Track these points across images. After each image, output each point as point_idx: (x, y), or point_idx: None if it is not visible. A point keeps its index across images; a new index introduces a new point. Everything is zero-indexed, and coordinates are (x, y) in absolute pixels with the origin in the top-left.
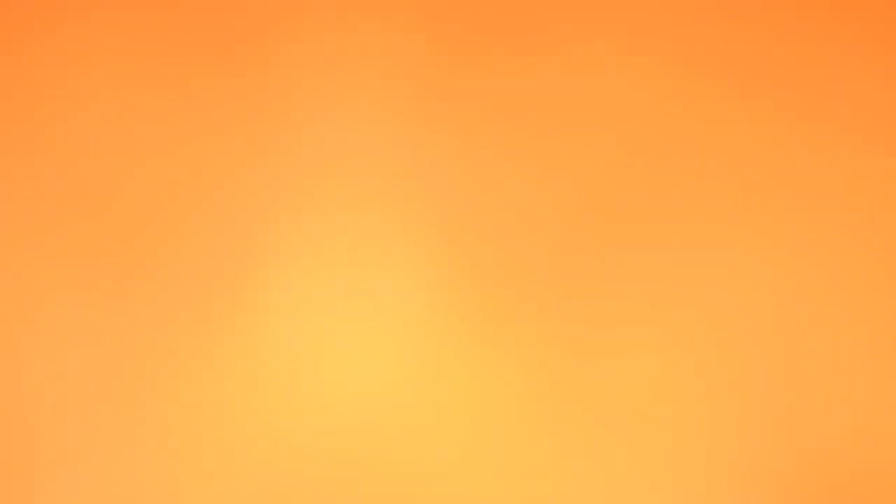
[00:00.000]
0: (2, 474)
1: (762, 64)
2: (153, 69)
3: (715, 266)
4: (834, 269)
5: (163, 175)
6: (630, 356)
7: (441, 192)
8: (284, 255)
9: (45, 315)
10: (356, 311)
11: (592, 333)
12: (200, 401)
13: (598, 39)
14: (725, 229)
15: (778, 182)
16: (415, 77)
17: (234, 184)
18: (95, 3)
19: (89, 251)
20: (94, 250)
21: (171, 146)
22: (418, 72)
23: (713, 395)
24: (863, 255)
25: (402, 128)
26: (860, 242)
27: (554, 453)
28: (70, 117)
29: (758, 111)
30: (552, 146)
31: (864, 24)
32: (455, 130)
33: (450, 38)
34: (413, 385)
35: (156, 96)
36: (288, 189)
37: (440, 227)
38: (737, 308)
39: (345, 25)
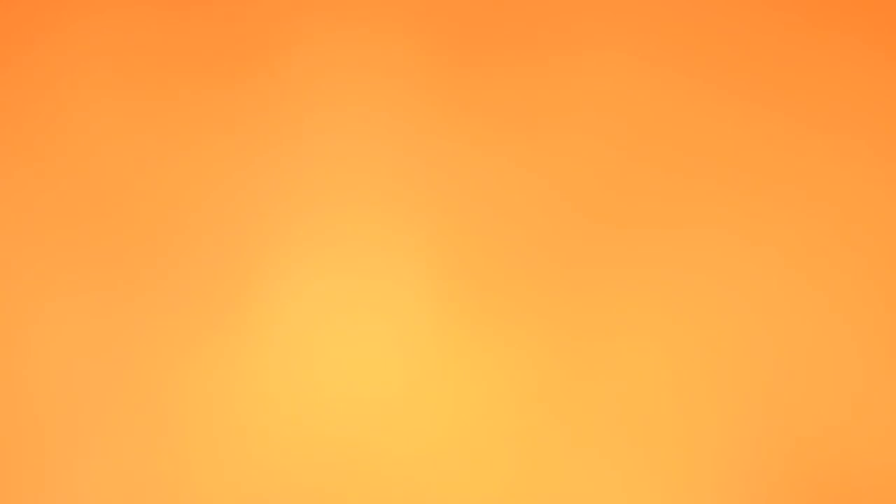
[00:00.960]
0: (14, 471)
1: (754, 68)
2: (161, 74)
3: (706, 268)
4: (821, 271)
5: (170, 179)
6: (621, 357)
7: (440, 195)
8: (289, 257)
9: (55, 316)
10: (359, 313)
11: (585, 334)
12: (205, 398)
13: (594, 45)
14: (717, 232)
15: (768, 185)
16: (415, 84)
17: (240, 187)
18: (101, 8)
19: (99, 254)
20: (103, 253)
21: (177, 151)
22: (418, 79)
23: (702, 394)
24: (849, 257)
25: (402, 133)
26: (848, 244)
27: (548, 451)
28: (79, 121)
29: (750, 115)
30: (549, 150)
31: (857, 28)
32: (455, 137)
33: (447, 46)
34: (414, 384)
35: (164, 101)
36: (291, 192)
37: (441, 230)
38: (728, 309)
39: (347, 33)
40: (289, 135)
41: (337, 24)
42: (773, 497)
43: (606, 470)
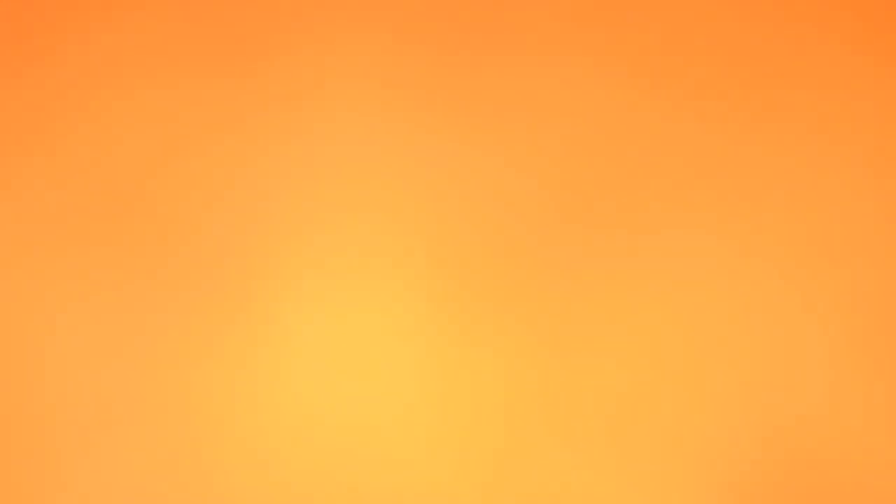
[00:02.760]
0: (28, 473)
1: (738, 74)
2: (167, 77)
3: (691, 270)
4: (793, 271)
5: (178, 181)
6: (610, 355)
7: (437, 196)
8: (291, 258)
9: (65, 317)
10: (359, 313)
11: (577, 334)
12: (211, 399)
13: (585, 50)
14: (701, 235)
15: (751, 189)
16: (411, 87)
17: (245, 189)
18: (111, 12)
19: (109, 255)
20: (114, 254)
21: (185, 153)
22: (415, 82)
23: (685, 391)
24: (822, 259)
25: (397, 136)
26: (821, 247)
27: (538, 448)
28: (85, 123)
29: (732, 120)
30: (542, 153)
31: (836, 32)
32: (451, 139)
33: (443, 50)
34: (411, 384)
35: (171, 104)
36: (295, 194)
37: (438, 231)
38: (710, 310)
39: (344, 38)
40: (291, 138)
41: (336, 29)
42: (753, 488)
43: (598, 465)
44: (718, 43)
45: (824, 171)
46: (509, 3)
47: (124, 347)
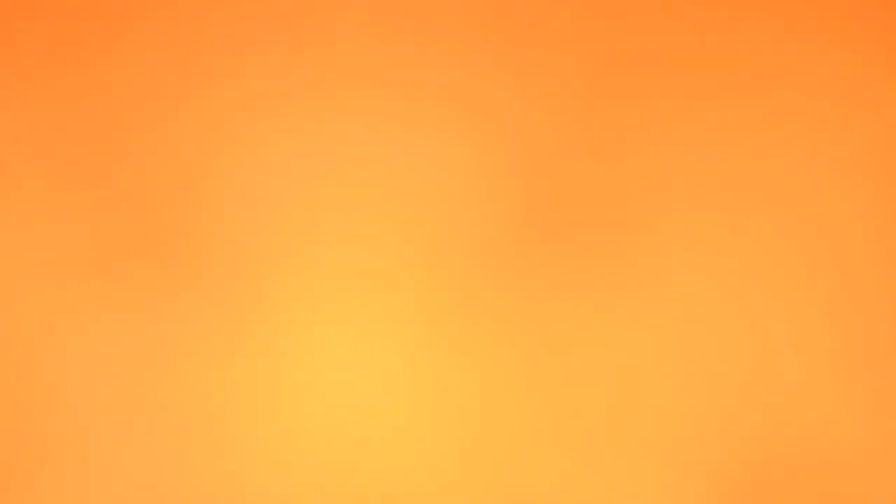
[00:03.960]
0: (36, 472)
1: (731, 71)
2: (170, 79)
3: (678, 275)
4: (771, 273)
5: (186, 189)
6: (601, 359)
7: (433, 200)
8: (296, 269)
9: (72, 321)
10: (359, 319)
11: (571, 335)
12: (212, 401)
13: (576, 48)
14: (690, 238)
15: (740, 193)
16: (406, 88)
17: (250, 195)
18: (115, 16)
19: (120, 262)
20: (126, 261)
21: (189, 158)
22: (410, 83)
23: (673, 392)
24: (799, 260)
25: (395, 138)
26: (800, 248)
27: (536, 451)
28: (91, 126)
29: (722, 122)
30: (534, 154)
31: (817, 32)
32: (448, 142)
33: (437, 52)
34: (411, 385)
35: (177, 111)
36: (297, 200)
37: (435, 239)
38: (698, 313)
39: (344, 38)
40: (293, 140)
41: (336, 29)
42: (741, 488)
43: (592, 466)
44: (711, 44)
45: (812, 173)
46: (503, 2)
47: (138, 351)
